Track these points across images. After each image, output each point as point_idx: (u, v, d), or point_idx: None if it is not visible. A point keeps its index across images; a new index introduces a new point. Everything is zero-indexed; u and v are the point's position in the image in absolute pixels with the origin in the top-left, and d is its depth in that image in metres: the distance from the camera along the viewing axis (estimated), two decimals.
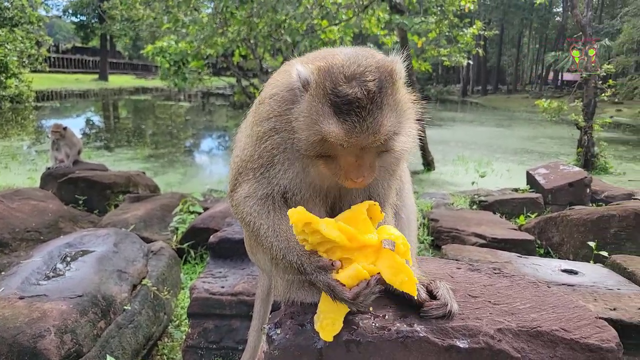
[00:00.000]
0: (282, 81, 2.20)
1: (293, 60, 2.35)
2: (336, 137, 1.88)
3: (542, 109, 19.11)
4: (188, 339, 4.84)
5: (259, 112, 2.22)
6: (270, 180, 2.18)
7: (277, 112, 2.13)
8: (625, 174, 17.38)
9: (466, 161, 19.78)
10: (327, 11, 15.52)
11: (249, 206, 2.23)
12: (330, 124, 1.88)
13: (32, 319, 3.85)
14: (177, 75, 16.03)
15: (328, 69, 1.93)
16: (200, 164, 21.10)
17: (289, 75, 2.12)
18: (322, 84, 1.92)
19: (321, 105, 1.91)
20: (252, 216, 2.21)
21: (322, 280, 1.98)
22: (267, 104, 2.18)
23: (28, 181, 13.29)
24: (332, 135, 1.88)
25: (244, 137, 2.38)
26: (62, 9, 72.15)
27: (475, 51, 18.78)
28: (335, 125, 1.87)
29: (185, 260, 7.46)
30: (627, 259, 5.51)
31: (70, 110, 40.03)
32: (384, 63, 1.96)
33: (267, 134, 2.15)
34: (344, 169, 1.99)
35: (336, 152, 1.98)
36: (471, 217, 8.53)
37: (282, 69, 2.38)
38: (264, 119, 2.16)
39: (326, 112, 1.90)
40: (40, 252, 5.12)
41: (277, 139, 2.13)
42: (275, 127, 2.12)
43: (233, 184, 2.36)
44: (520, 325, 2.12)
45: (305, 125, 1.97)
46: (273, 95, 2.19)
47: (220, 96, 55.13)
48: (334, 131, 1.87)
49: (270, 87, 2.27)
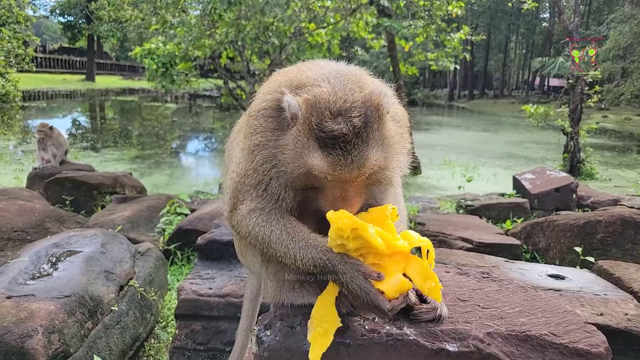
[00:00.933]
0: (271, 102, 2.17)
1: (282, 74, 2.34)
2: (320, 170, 1.90)
3: (529, 114, 19.26)
4: (175, 340, 4.81)
5: (250, 125, 2.21)
6: (273, 196, 2.15)
7: (264, 127, 2.14)
8: (611, 180, 17.56)
9: (453, 165, 19.88)
10: (314, 14, 15.57)
11: (255, 218, 2.16)
12: (315, 158, 1.90)
13: (19, 319, 3.81)
14: (164, 76, 15.96)
15: (314, 103, 1.94)
16: (186, 166, 21.02)
17: (277, 96, 2.12)
18: (308, 120, 1.93)
19: (306, 139, 1.93)
20: (260, 226, 2.15)
21: (361, 286, 1.94)
22: (256, 118, 2.18)
23: (14, 181, 13.18)
24: (317, 169, 1.90)
25: (238, 150, 2.35)
26: (50, 9, 71.68)
27: (463, 56, 18.92)
28: (320, 159, 1.89)
29: (172, 261, 7.43)
30: (613, 265, 5.55)
31: (56, 111, 39.71)
32: (371, 97, 1.96)
33: (257, 148, 2.14)
34: (329, 200, 2.02)
35: (322, 184, 2.01)
36: (458, 221, 8.56)
37: (271, 80, 2.35)
38: (253, 132, 2.16)
39: (311, 146, 1.92)
40: (27, 252, 5.07)
41: (265, 153, 2.12)
42: (262, 142, 2.12)
43: (233, 202, 2.29)
44: (509, 329, 2.14)
45: (290, 158, 1.99)
46: (262, 109, 2.19)
47: (207, 98, 55.02)
48: (318, 164, 1.90)
49: (260, 101, 2.25)
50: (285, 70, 2.37)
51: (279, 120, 2.09)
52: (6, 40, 34.44)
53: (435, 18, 17.26)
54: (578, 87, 17.46)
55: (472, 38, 19.51)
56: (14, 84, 34.55)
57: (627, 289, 4.91)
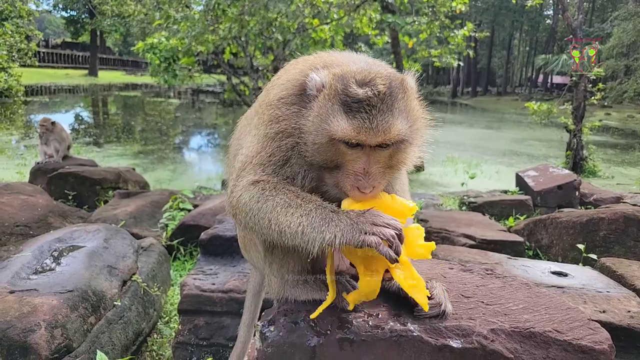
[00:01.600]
0: (291, 84, 2.17)
1: (301, 61, 2.33)
2: (345, 134, 1.88)
3: (532, 112, 19.21)
4: (178, 336, 4.82)
5: (269, 114, 2.16)
6: (284, 175, 2.10)
7: (286, 115, 2.11)
8: (613, 178, 17.53)
9: (455, 162, 19.86)
10: (318, 10, 15.51)
11: (259, 189, 2.04)
12: (339, 122, 1.89)
13: (22, 314, 3.82)
14: (167, 72, 15.94)
15: (341, 74, 1.95)
16: (189, 161, 21.03)
17: (300, 79, 2.12)
18: (333, 87, 1.93)
19: (331, 105, 1.92)
20: (264, 196, 2.01)
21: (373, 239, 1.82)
22: (276, 106, 2.14)
23: (17, 176, 13.20)
24: (341, 132, 1.88)
25: (249, 137, 2.28)
26: (53, 3, 71.55)
27: (466, 52, 18.84)
28: (345, 122, 1.88)
29: (175, 257, 7.44)
30: (616, 262, 5.55)
31: (59, 106, 39.73)
32: (395, 74, 2.01)
33: (278, 135, 2.10)
34: (351, 176, 1.96)
35: (344, 158, 1.97)
36: (461, 218, 8.56)
37: (289, 68, 2.34)
38: (274, 121, 2.12)
39: (336, 110, 1.91)
40: (30, 247, 5.09)
41: (290, 141, 2.09)
42: (287, 130, 2.09)
43: (235, 181, 2.19)
44: (513, 326, 2.14)
45: (313, 127, 1.97)
46: (282, 97, 2.16)
47: (210, 93, 55.01)
48: (342, 128, 1.88)
49: (277, 88, 2.22)
50: (304, 58, 2.37)
51: (301, 104, 2.08)
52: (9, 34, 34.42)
53: (439, 14, 17.21)
54: (581, 84, 17.40)
55: (476, 35, 19.49)
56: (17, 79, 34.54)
57: (630, 286, 4.91)
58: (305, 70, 2.14)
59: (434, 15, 17.34)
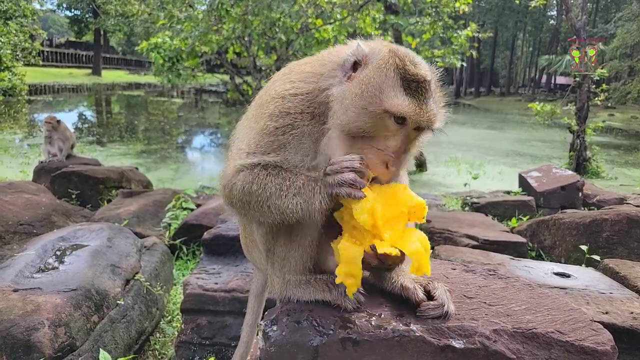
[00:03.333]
0: (318, 66, 2.22)
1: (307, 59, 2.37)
2: (399, 108, 1.93)
3: (535, 112, 19.21)
4: (181, 335, 4.83)
5: (275, 106, 2.17)
6: (265, 158, 2.13)
7: (301, 107, 2.13)
8: (617, 179, 17.50)
9: (458, 163, 19.85)
10: (321, 10, 15.53)
11: (247, 174, 2.11)
12: (400, 97, 1.94)
13: (26, 312, 3.83)
14: (171, 71, 15.98)
15: (396, 51, 2.02)
16: (192, 161, 21.06)
17: (329, 57, 2.20)
18: (391, 60, 1.98)
19: (389, 78, 1.96)
20: (256, 181, 2.08)
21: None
22: (289, 100, 2.16)
23: (20, 174, 13.24)
24: (396, 106, 1.93)
25: (244, 130, 2.33)
26: (57, 2, 71.73)
27: (469, 53, 18.84)
28: (403, 97, 1.94)
29: (178, 256, 7.45)
30: (619, 263, 5.54)
31: (63, 105, 39.81)
32: (429, 65, 2.11)
33: (280, 129, 2.13)
34: (383, 151, 2.01)
35: (382, 132, 2.00)
36: (463, 218, 8.55)
37: (294, 66, 2.37)
38: (281, 114, 2.14)
39: (395, 84, 1.95)
40: (34, 246, 5.10)
41: (292, 135, 2.13)
42: (294, 124, 2.12)
43: (225, 170, 2.26)
44: (515, 327, 2.14)
45: (363, 94, 1.98)
46: (300, 90, 2.17)
47: (213, 93, 55.07)
48: (399, 102, 1.93)
49: (295, 76, 2.25)
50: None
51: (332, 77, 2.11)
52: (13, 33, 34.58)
53: (443, 15, 17.20)
54: (585, 85, 17.39)
55: (479, 35, 19.44)
56: (21, 78, 34.72)
57: (633, 288, 4.90)
58: (328, 56, 2.23)
59: (437, 15, 17.33)
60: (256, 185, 2.07)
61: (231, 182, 2.15)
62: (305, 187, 2.00)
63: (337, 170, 1.94)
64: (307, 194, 1.98)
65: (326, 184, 1.96)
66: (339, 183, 1.92)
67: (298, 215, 2.02)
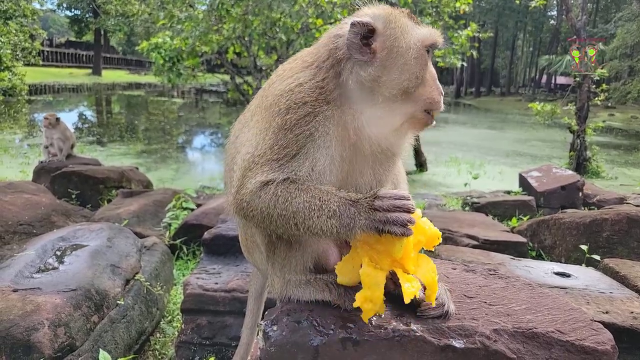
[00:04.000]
0: (309, 57, 2.23)
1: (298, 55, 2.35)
2: (435, 37, 2.15)
3: (536, 112, 19.20)
4: (181, 335, 4.83)
5: (286, 100, 2.10)
6: (294, 169, 2.04)
7: (314, 95, 2.09)
8: (617, 179, 17.49)
9: (459, 163, 19.84)
10: (322, 10, 15.50)
11: (273, 194, 2.00)
12: (424, 31, 2.13)
13: (25, 312, 3.83)
14: (171, 71, 15.96)
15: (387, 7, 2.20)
16: (192, 161, 21.07)
17: (333, 39, 2.18)
18: (394, 13, 2.14)
19: (408, 25, 2.12)
20: (281, 200, 1.99)
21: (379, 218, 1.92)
22: (298, 91, 2.10)
23: (20, 174, 13.24)
24: (433, 37, 2.13)
25: (253, 135, 2.20)
26: (57, 2, 71.80)
27: (470, 53, 18.82)
28: (427, 30, 2.14)
29: (178, 256, 7.45)
30: (619, 263, 5.54)
31: (63, 104, 39.81)
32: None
33: (302, 120, 2.05)
34: (434, 84, 2.15)
35: (425, 72, 2.12)
36: (464, 218, 8.56)
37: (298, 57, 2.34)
38: (297, 104, 2.07)
39: (414, 25, 2.14)
40: (34, 246, 5.10)
41: (314, 123, 2.05)
42: (315, 111, 2.06)
43: (240, 182, 2.13)
44: (516, 327, 2.14)
45: (403, 51, 2.07)
46: (305, 79, 2.13)
47: (213, 93, 55.08)
48: (430, 33, 2.14)
49: (295, 72, 2.21)
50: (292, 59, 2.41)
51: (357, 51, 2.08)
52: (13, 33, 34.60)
53: (443, 15, 17.18)
54: (585, 85, 17.38)
55: (480, 35, 19.41)
56: (21, 78, 34.73)
57: (633, 288, 4.90)
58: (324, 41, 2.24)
59: (437, 15, 17.32)
60: (283, 200, 1.99)
61: (254, 194, 2.05)
62: (343, 211, 1.94)
63: (389, 209, 1.91)
64: (345, 219, 1.93)
65: (375, 219, 1.91)
66: (392, 222, 1.89)
67: (331, 236, 2.00)
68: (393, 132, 2.19)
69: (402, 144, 2.34)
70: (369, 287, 1.98)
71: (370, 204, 1.93)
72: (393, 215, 1.89)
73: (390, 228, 1.89)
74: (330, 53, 2.14)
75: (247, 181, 2.09)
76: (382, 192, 1.96)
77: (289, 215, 1.98)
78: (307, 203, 1.96)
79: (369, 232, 1.94)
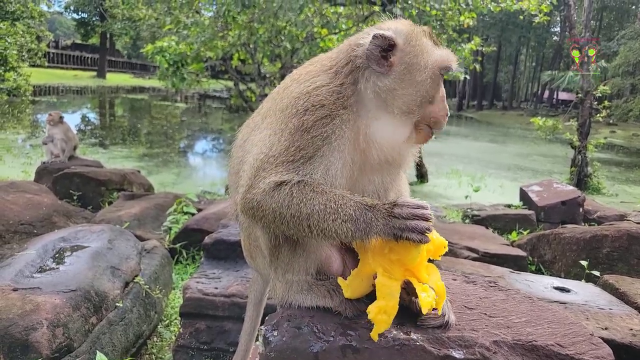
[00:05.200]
0: (344, 54, 2.22)
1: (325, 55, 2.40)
2: (450, 59, 2.19)
3: (537, 127, 19.25)
4: (179, 339, 4.83)
5: (307, 101, 2.11)
6: (309, 172, 2.05)
7: (332, 98, 2.11)
8: (617, 196, 17.49)
9: (459, 175, 19.84)
10: (327, 20, 15.59)
11: (287, 194, 2.01)
12: (442, 53, 2.18)
13: (25, 311, 3.83)
14: (175, 75, 16.02)
15: (409, 23, 2.23)
16: (194, 166, 21.09)
17: (355, 48, 2.17)
18: (416, 30, 2.19)
19: (427, 44, 2.17)
20: (295, 201, 2.00)
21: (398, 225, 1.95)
22: (314, 93, 2.12)
23: (22, 174, 13.26)
24: (447, 58, 2.18)
25: (267, 136, 2.20)
26: (64, 5, 72.14)
27: (473, 66, 18.88)
28: (444, 52, 2.19)
29: (177, 260, 7.45)
30: (619, 279, 5.54)
31: (66, 106, 39.88)
32: None
33: (318, 122, 2.07)
34: (442, 105, 2.21)
35: (436, 92, 2.18)
36: (464, 230, 8.56)
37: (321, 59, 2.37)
38: (315, 107, 2.09)
39: (433, 45, 2.19)
40: (34, 245, 5.11)
41: (331, 126, 2.07)
42: (331, 114, 2.08)
43: (251, 182, 2.13)
44: (515, 339, 2.14)
45: (420, 68, 2.12)
46: (323, 82, 2.16)
47: (216, 99, 55.12)
48: (447, 56, 2.18)
49: (312, 75, 2.23)
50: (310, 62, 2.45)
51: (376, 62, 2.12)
52: (20, 34, 34.72)
53: (447, 28, 17.26)
54: (587, 101, 17.43)
55: (483, 49, 19.50)
56: (26, 79, 34.78)
57: (633, 304, 4.90)
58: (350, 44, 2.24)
59: (442, 28, 17.38)
60: (298, 201, 1.99)
61: (267, 194, 2.04)
62: (359, 216, 1.96)
63: (408, 217, 1.94)
64: (361, 224, 1.96)
65: (393, 226, 1.94)
66: (411, 229, 1.93)
67: (345, 239, 2.04)
68: (399, 143, 2.22)
69: (407, 155, 2.38)
70: (384, 297, 1.98)
71: (390, 211, 1.96)
72: (412, 223, 1.93)
73: (409, 235, 1.92)
74: (350, 59, 2.17)
75: (259, 181, 2.08)
76: (401, 200, 2.00)
77: (303, 217, 1.99)
78: (322, 205, 1.97)
79: (385, 238, 1.97)
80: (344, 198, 1.99)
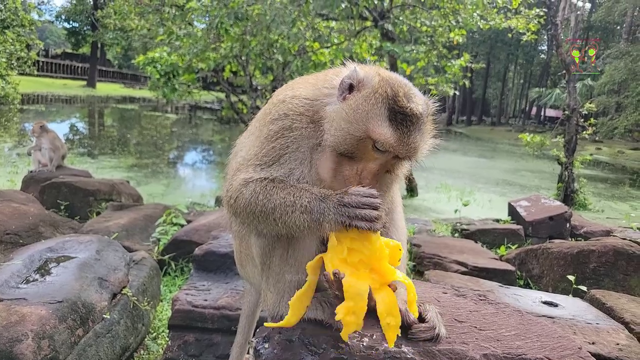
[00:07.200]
0: (321, 80, 2.30)
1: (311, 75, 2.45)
2: (385, 140, 2.01)
3: (525, 143, 19.40)
4: (167, 352, 4.78)
5: (276, 110, 2.26)
6: (272, 172, 2.19)
7: (300, 109, 2.20)
8: (603, 211, 17.63)
9: (449, 189, 19.92)
10: (319, 34, 15.72)
11: (250, 189, 2.15)
12: (383, 127, 2.01)
13: (10, 322, 3.77)
14: (166, 86, 16.03)
15: (388, 79, 2.09)
16: (183, 177, 20.98)
17: (331, 75, 2.27)
18: (382, 88, 2.05)
19: (376, 107, 2.04)
20: (260, 196, 2.13)
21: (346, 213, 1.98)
22: (289, 102, 2.24)
23: (8, 183, 13.13)
24: (382, 138, 2.01)
25: (249, 140, 2.39)
26: (55, 14, 72.00)
27: (462, 82, 19.06)
28: (388, 129, 2.01)
29: (165, 272, 7.39)
30: (605, 294, 5.58)
31: (55, 115, 39.60)
32: (425, 98, 2.21)
33: (279, 132, 2.20)
34: (360, 173, 2.10)
35: (363, 156, 2.09)
36: (453, 244, 8.58)
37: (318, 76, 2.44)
38: (280, 117, 2.22)
39: (381, 114, 2.03)
40: (20, 256, 5.05)
41: (290, 138, 2.18)
42: (292, 125, 2.18)
43: (230, 181, 2.32)
44: (505, 352, 2.15)
45: (350, 119, 2.06)
46: (301, 94, 2.26)
47: (207, 110, 55.06)
48: (385, 134, 2.01)
49: (298, 85, 2.35)
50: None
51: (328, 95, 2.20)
52: (9, 42, 34.55)
53: (437, 44, 17.45)
54: (574, 118, 17.62)
55: (472, 65, 19.72)
56: (14, 87, 34.59)
57: (619, 319, 4.94)
58: (330, 74, 2.31)
59: (432, 45, 17.58)
60: (262, 197, 2.11)
61: (238, 191, 2.19)
62: (314, 207, 2.03)
63: (357, 205, 1.98)
64: (315, 214, 2.02)
65: (342, 213, 1.98)
66: (360, 217, 1.96)
67: (304, 231, 2.08)
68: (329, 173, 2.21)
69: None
70: (352, 297, 1.96)
71: (340, 200, 2.00)
72: (362, 212, 1.96)
73: (358, 223, 1.95)
74: (328, 83, 2.26)
75: (234, 180, 2.26)
76: (352, 189, 2.03)
77: (269, 211, 2.10)
78: (282, 199, 2.08)
79: (337, 227, 2.00)
80: (301, 191, 2.08)
